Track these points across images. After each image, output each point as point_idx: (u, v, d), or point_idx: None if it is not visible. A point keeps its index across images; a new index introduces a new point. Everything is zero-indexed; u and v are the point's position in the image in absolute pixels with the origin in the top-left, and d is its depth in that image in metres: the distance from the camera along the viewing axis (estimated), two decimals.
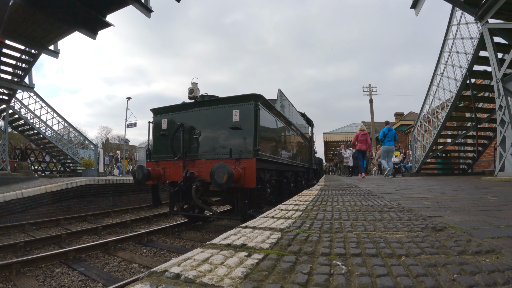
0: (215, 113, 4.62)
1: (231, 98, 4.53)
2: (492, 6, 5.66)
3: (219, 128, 4.52)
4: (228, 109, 4.48)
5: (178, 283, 0.69)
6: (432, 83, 9.02)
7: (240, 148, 4.27)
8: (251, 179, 3.96)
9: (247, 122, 4.27)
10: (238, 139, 4.32)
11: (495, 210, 1.75)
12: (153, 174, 4.81)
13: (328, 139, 28.23)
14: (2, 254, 4.16)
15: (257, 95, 4.37)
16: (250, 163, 4.03)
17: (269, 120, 4.96)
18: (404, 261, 0.81)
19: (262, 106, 4.44)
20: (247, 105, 4.35)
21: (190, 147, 4.76)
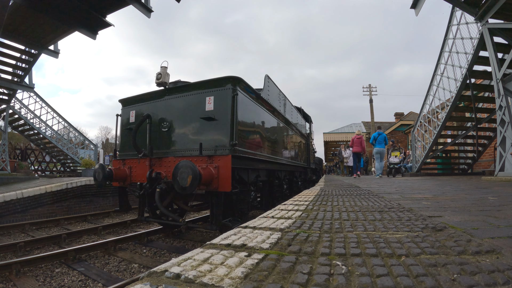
0: (186, 102, 3.89)
1: (204, 82, 3.80)
2: (492, 6, 5.66)
3: (191, 119, 3.79)
4: (200, 96, 3.76)
5: (178, 283, 0.69)
6: (432, 83, 9.03)
7: (214, 143, 3.55)
8: (226, 181, 3.23)
9: (222, 111, 3.54)
10: (212, 132, 3.60)
11: (495, 210, 1.75)
12: (116, 175, 4.14)
13: (328, 139, 28.23)
14: (2, 254, 4.16)
15: (235, 77, 3.60)
16: (224, 161, 3.30)
17: (253, 109, 4.17)
18: (404, 261, 0.81)
19: (242, 92, 3.70)
20: (222, 90, 3.60)
21: (158, 143, 4.08)
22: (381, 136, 9.57)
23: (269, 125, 5.01)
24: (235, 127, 3.48)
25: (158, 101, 4.23)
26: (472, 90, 7.68)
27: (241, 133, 3.68)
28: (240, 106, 3.65)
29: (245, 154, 3.75)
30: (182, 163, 3.08)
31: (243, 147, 3.70)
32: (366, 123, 28.07)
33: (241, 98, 3.70)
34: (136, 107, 4.50)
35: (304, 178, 9.51)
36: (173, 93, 4.08)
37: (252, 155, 4.01)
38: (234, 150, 3.41)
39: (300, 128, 8.29)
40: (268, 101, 4.89)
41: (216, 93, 3.65)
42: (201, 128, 3.71)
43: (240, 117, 3.63)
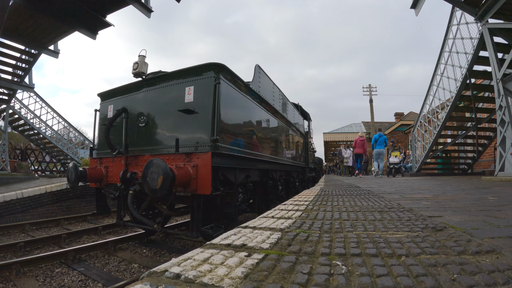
0: (165, 93, 3.55)
1: (183, 71, 3.42)
2: (492, 6, 5.66)
3: (170, 113, 3.42)
4: (180, 86, 3.39)
5: (178, 283, 0.69)
6: (432, 83, 9.03)
7: (194, 139, 3.17)
8: (205, 182, 2.86)
9: (202, 102, 3.17)
10: (191, 127, 3.22)
11: (495, 210, 1.75)
12: (91, 175, 3.78)
13: (328, 139, 28.23)
14: (2, 254, 4.16)
15: (217, 64, 3.22)
16: (204, 159, 2.91)
17: (240, 102, 3.77)
18: (404, 261, 0.81)
19: (226, 81, 3.32)
20: (203, 79, 3.22)
21: (135, 139, 3.73)
22: (382, 138, 10.05)
23: (261, 120, 4.58)
24: (217, 120, 3.06)
25: (136, 94, 3.86)
26: (472, 90, 7.68)
27: (225, 128, 3.26)
28: (224, 97, 3.24)
29: (230, 152, 3.33)
30: (152, 161, 2.73)
31: (227, 143, 3.29)
32: (366, 123, 28.08)
33: (225, 87, 3.30)
34: (115, 101, 4.13)
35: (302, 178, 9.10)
36: (151, 84, 3.73)
37: (240, 153, 3.60)
38: (215, 147, 2.99)
39: (298, 126, 7.91)
40: (259, 94, 4.45)
41: (196, 83, 3.26)
42: (180, 123, 3.31)
43: (223, 110, 3.22)
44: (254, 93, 4.26)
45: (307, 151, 9.23)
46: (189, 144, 3.18)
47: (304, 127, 9.23)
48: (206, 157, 2.93)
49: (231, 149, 3.39)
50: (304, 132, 9.06)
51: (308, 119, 10.13)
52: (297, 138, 7.81)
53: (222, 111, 3.20)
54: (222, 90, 3.19)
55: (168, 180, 2.61)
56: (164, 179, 2.60)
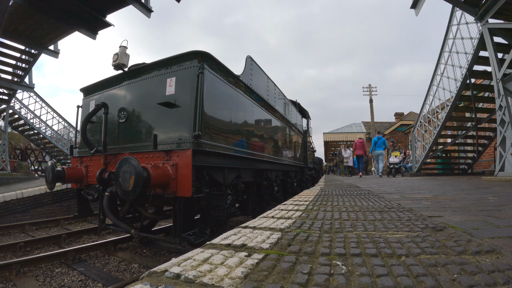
0: (146, 86, 3.30)
1: (165, 60, 3.17)
2: (492, 6, 5.66)
3: (151, 107, 3.16)
4: (161, 78, 3.14)
5: (178, 283, 0.69)
6: (432, 83, 9.03)
7: (174, 135, 2.91)
8: (185, 182, 2.58)
9: (185, 94, 2.90)
10: (172, 122, 2.95)
11: (495, 210, 1.75)
12: (69, 175, 3.52)
13: (328, 139, 28.23)
14: (2, 254, 4.16)
15: (201, 52, 2.95)
16: (184, 157, 2.63)
17: (229, 95, 3.49)
18: (404, 261, 0.81)
19: (211, 71, 3.05)
20: (186, 68, 2.95)
21: (115, 136, 3.49)
22: (381, 140, 10.54)
23: (253, 116, 4.27)
24: (200, 114, 2.78)
25: (117, 88, 3.62)
26: (472, 90, 7.68)
27: (210, 123, 2.98)
28: (209, 89, 2.98)
29: (216, 149, 3.05)
30: (124, 160, 2.49)
31: (213, 140, 3.02)
32: (366, 123, 28.08)
33: (210, 78, 3.03)
34: (97, 96, 3.90)
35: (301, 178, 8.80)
36: (132, 77, 3.48)
37: (228, 151, 3.32)
38: (197, 144, 2.71)
39: (296, 124, 7.65)
40: (251, 87, 4.13)
41: (178, 73, 3.00)
42: (161, 117, 3.06)
43: (208, 103, 2.95)
44: (246, 87, 3.94)
45: (305, 150, 8.95)
46: (170, 141, 2.91)
47: (302, 125, 9.00)
48: (186, 155, 2.63)
49: (218, 147, 3.11)
50: (303, 131, 8.80)
51: (307, 117, 9.87)
52: (295, 136, 7.54)
53: (207, 104, 2.92)
54: (206, 81, 2.91)
55: (141, 181, 2.34)
56: (136, 180, 2.34)
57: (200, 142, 2.77)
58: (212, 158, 3.06)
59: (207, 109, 2.95)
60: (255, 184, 4.71)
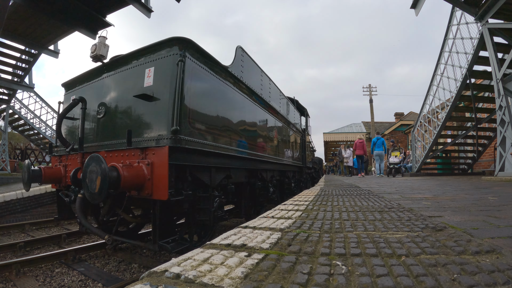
0: (125, 78, 3.04)
1: (143, 49, 2.90)
2: (492, 6, 5.66)
3: (129, 101, 2.90)
4: (140, 68, 2.87)
5: (178, 283, 0.69)
6: (432, 83, 9.04)
7: (152, 130, 2.64)
8: (161, 184, 2.34)
9: (164, 85, 2.63)
10: (150, 116, 2.70)
11: (495, 210, 1.75)
12: (46, 175, 3.27)
13: (328, 139, 28.24)
14: (2, 254, 4.16)
15: (183, 39, 2.68)
16: (160, 155, 2.38)
17: (215, 87, 3.18)
18: (404, 261, 0.81)
19: (194, 60, 2.77)
20: (165, 57, 2.68)
21: (93, 133, 3.26)
22: (380, 140, 10.96)
23: (245, 112, 3.95)
24: (179, 106, 2.49)
25: (97, 81, 3.39)
26: (472, 90, 7.68)
27: (192, 117, 2.71)
28: (191, 79, 2.70)
29: (201, 147, 2.77)
30: (90, 159, 2.28)
31: (197, 136, 2.74)
32: (366, 123, 28.10)
33: (193, 68, 2.75)
34: (77, 90, 3.68)
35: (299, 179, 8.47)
36: (111, 69, 3.23)
37: (215, 149, 3.04)
38: (176, 140, 2.44)
39: (293, 121, 7.33)
40: (242, 80, 3.82)
41: (157, 63, 2.73)
42: (139, 111, 2.80)
43: (190, 94, 2.67)
44: (236, 79, 3.65)
45: (304, 149, 8.67)
46: (148, 137, 2.65)
47: (301, 124, 8.75)
48: (162, 153, 2.37)
49: (203, 144, 2.82)
50: (301, 129, 8.53)
51: (305, 115, 9.54)
52: (293, 135, 7.23)
53: (188, 96, 2.64)
54: (188, 70, 2.64)
55: (106, 183, 2.10)
56: (102, 181, 2.11)
57: (180, 138, 2.48)
58: (196, 156, 2.79)
59: (189, 102, 2.66)
60: (248, 185, 4.42)
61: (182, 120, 2.55)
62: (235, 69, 3.68)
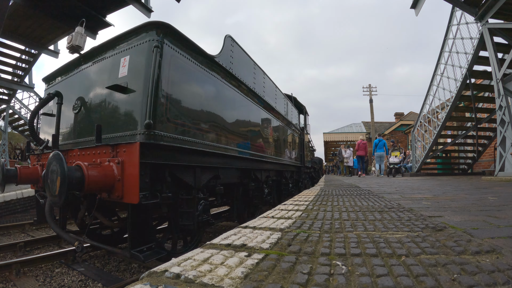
0: (101, 69, 2.80)
1: (119, 37, 2.66)
2: (492, 6, 5.66)
3: (104, 93, 2.65)
4: (116, 58, 2.63)
5: (178, 283, 0.69)
6: (432, 83, 9.04)
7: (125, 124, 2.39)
8: (131, 185, 2.09)
9: (138, 74, 2.38)
10: (124, 109, 2.44)
11: (495, 210, 1.75)
12: (22, 175, 3.01)
13: (328, 139, 28.26)
14: (2, 254, 4.16)
15: (162, 24, 2.43)
16: (130, 153, 2.13)
17: (199, 77, 2.90)
18: (404, 261, 0.81)
19: (173, 47, 2.50)
20: (141, 44, 2.43)
21: (68, 130, 3.05)
22: (381, 142, 11.50)
23: (235, 107, 3.68)
24: (154, 97, 2.24)
25: (74, 74, 3.17)
26: (472, 90, 7.68)
27: (172, 110, 2.44)
28: (171, 68, 2.46)
29: (179, 144, 2.48)
30: (51, 157, 2.07)
31: (176, 132, 2.47)
32: (366, 123, 28.10)
33: (172, 56, 2.49)
34: (57, 85, 3.46)
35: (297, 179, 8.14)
36: (88, 60, 3.01)
37: (200, 146, 2.76)
38: (149, 136, 2.19)
39: (291, 119, 7.02)
40: (231, 72, 3.52)
41: (133, 50, 2.48)
42: (113, 105, 2.55)
43: (169, 85, 2.41)
44: (224, 71, 3.38)
45: (302, 148, 8.33)
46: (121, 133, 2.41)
47: (300, 122, 8.44)
48: (133, 150, 2.11)
49: (184, 141, 2.54)
50: (299, 128, 8.23)
51: (304, 113, 9.18)
52: (290, 133, 6.94)
53: (167, 87, 2.39)
54: (166, 58, 2.40)
55: (66, 183, 1.90)
56: (62, 182, 1.91)
57: (155, 134, 2.23)
58: (177, 154, 2.53)
59: (168, 94, 2.39)
60: (241, 186, 4.17)
61: (158, 113, 2.28)
62: (223, 60, 3.40)
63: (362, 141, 12.38)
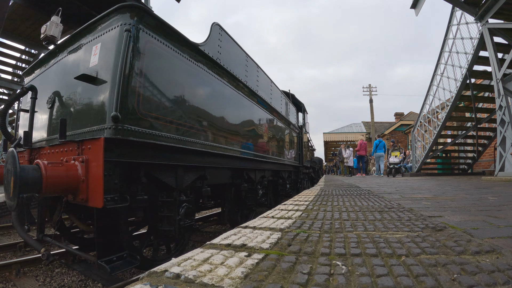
0: (75, 60, 2.54)
1: (92, 23, 2.42)
2: (492, 6, 5.66)
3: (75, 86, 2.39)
4: (88, 46, 2.39)
5: (178, 283, 0.69)
6: (432, 83, 9.04)
7: (92, 118, 2.15)
8: (95, 187, 1.88)
9: (109, 62, 2.12)
10: (93, 101, 2.19)
11: (495, 210, 1.75)
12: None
13: (328, 139, 28.26)
14: (2, 254, 4.16)
15: (136, 6, 2.18)
16: (95, 150, 1.92)
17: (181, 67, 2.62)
18: (404, 261, 0.81)
19: (149, 32, 2.25)
20: (113, 29, 2.17)
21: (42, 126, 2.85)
22: (381, 143, 12.05)
23: (224, 101, 3.41)
24: (124, 87, 1.98)
25: (51, 66, 2.96)
26: (472, 90, 7.69)
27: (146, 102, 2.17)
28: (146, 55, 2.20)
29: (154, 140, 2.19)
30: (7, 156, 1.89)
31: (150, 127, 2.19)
32: (366, 123, 28.11)
33: (147, 41, 2.23)
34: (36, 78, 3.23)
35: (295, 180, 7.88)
36: (62, 50, 2.80)
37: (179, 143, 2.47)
38: (117, 130, 1.92)
39: (288, 117, 6.73)
40: (218, 62, 3.24)
41: (104, 37, 2.24)
42: (83, 97, 2.30)
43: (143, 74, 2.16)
44: (211, 61, 3.10)
45: (301, 147, 8.05)
46: (88, 128, 2.17)
47: (298, 120, 8.16)
48: (97, 147, 1.89)
49: (160, 137, 2.27)
50: (298, 126, 7.93)
51: (303, 111, 8.87)
52: (288, 131, 6.65)
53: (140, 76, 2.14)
54: (140, 43, 2.15)
55: (18, 185, 1.72)
56: (14, 183, 1.74)
57: (124, 128, 1.96)
58: (153, 152, 2.29)
59: (141, 84, 2.14)
60: (233, 187, 3.94)
61: (128, 105, 2.01)
62: (209, 49, 3.11)
63: (363, 141, 12.96)
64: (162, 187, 2.56)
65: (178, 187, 2.62)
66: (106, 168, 1.87)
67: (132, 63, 2.07)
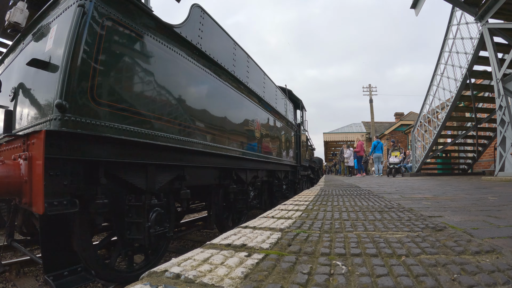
0: (36, 46, 2.29)
1: (50, 5, 2.22)
2: (492, 6, 5.66)
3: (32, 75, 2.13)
4: (46, 29, 2.17)
5: (178, 283, 0.69)
6: (432, 83, 9.04)
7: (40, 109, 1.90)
8: (35, 189, 1.60)
9: (60, 45, 1.86)
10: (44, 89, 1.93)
11: (495, 210, 1.75)
12: None
13: (328, 139, 28.26)
14: (2, 254, 4.16)
15: None
16: (36, 146, 1.62)
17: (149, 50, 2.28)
18: (404, 261, 0.81)
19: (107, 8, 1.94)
20: (67, 8, 1.93)
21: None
22: (380, 144, 12.35)
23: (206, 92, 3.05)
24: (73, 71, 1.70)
25: (16, 56, 2.69)
26: (472, 90, 7.69)
27: (102, 90, 1.87)
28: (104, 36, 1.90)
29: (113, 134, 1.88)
30: None
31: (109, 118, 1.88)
32: (366, 123, 28.11)
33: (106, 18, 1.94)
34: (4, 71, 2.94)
35: (292, 180, 7.47)
36: (25, 38, 2.57)
37: (147, 138, 2.14)
38: (62, 122, 1.63)
39: (284, 113, 6.36)
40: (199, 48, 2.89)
41: (60, 18, 2.00)
42: (37, 85, 2.05)
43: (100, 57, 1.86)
44: (190, 46, 2.76)
45: (299, 146, 7.63)
46: (36, 120, 1.91)
47: (296, 117, 7.78)
48: (38, 142, 1.60)
49: (123, 130, 1.95)
50: (295, 123, 7.51)
51: (301, 108, 8.42)
52: (284, 128, 6.25)
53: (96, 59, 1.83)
54: (97, 20, 1.87)
55: None
56: None
57: (71, 119, 1.66)
58: (114, 148, 1.96)
59: (97, 69, 1.84)
60: (220, 188, 3.61)
61: (77, 92, 1.72)
62: (188, 32, 2.74)
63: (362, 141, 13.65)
64: (131, 189, 2.25)
65: (149, 189, 2.29)
66: (50, 166, 1.60)
67: (85, 42, 1.78)
